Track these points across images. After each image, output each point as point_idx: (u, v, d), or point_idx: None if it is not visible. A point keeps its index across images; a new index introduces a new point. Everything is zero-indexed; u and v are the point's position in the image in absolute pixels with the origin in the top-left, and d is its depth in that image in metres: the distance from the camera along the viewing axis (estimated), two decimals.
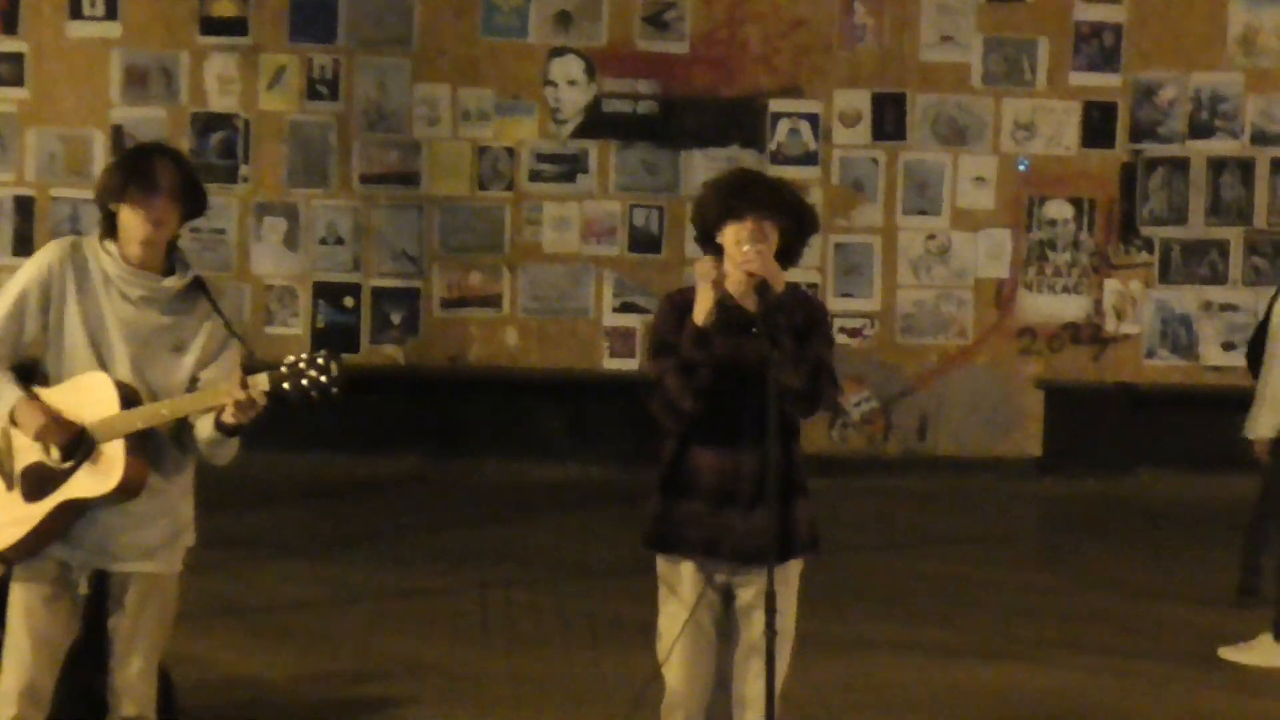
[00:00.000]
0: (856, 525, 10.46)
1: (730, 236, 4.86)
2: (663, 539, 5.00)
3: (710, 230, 4.93)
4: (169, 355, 4.81)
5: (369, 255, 11.89)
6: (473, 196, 11.90)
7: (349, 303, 11.84)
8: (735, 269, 4.85)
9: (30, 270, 4.84)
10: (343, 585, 8.72)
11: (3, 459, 4.80)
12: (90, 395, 4.72)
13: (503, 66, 11.90)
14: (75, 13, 11.66)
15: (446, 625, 8.04)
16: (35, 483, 4.75)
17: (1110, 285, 12.20)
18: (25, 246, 11.16)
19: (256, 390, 4.59)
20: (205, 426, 4.73)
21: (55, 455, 4.74)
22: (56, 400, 4.74)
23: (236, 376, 4.62)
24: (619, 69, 11.95)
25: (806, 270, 11.46)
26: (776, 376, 4.69)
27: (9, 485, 4.80)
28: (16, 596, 4.84)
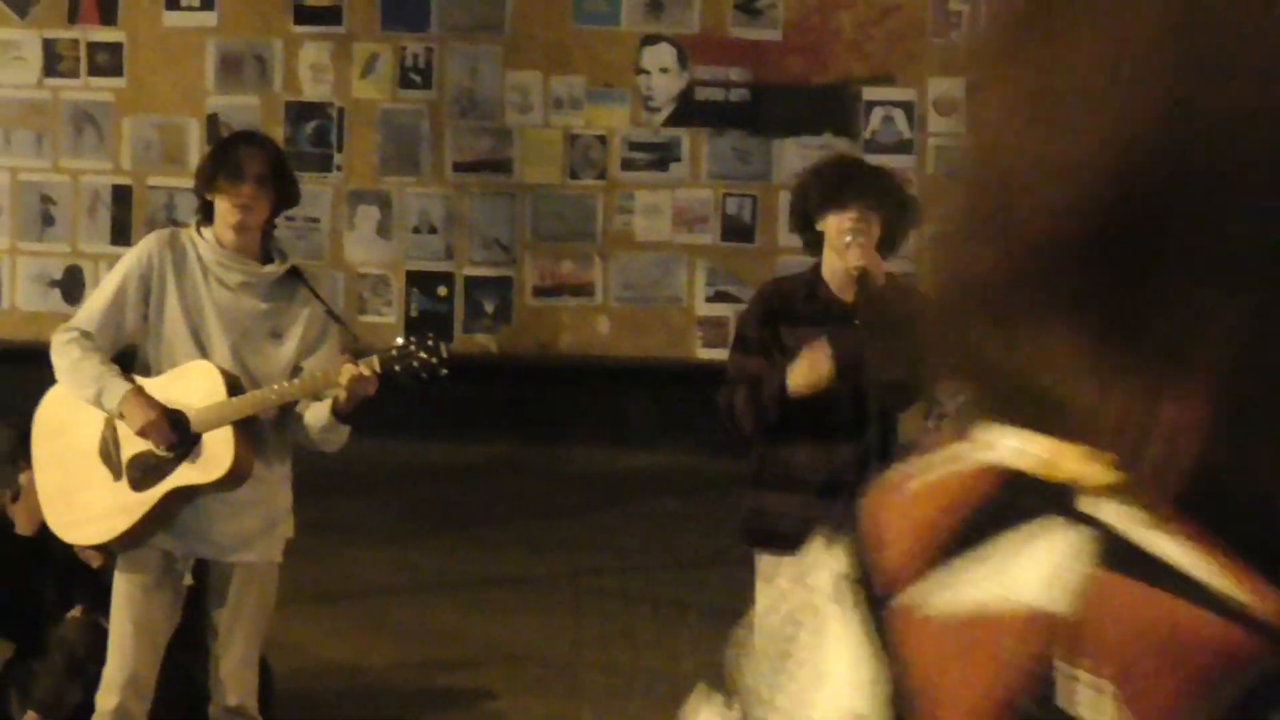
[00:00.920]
0: None
1: (833, 226, 4.81)
2: (761, 534, 4.95)
3: (811, 217, 4.88)
4: (268, 342, 4.82)
5: (461, 243, 11.89)
6: (564, 184, 11.87)
7: (443, 291, 11.85)
8: (836, 258, 4.80)
9: (129, 261, 4.87)
10: (435, 573, 8.74)
11: (110, 449, 4.84)
12: (196, 383, 4.74)
13: (594, 54, 11.86)
14: (172, 3, 11.73)
15: (539, 614, 8.04)
16: (143, 471, 4.78)
17: None
18: (123, 235, 11.25)
19: (368, 369, 4.60)
20: (317, 413, 4.73)
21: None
22: (162, 390, 4.77)
23: (346, 359, 4.63)
24: (711, 56, 11.88)
25: (902, 258, 11.34)
26: (876, 368, 4.63)
27: (116, 475, 4.83)
28: (120, 587, 4.88)
